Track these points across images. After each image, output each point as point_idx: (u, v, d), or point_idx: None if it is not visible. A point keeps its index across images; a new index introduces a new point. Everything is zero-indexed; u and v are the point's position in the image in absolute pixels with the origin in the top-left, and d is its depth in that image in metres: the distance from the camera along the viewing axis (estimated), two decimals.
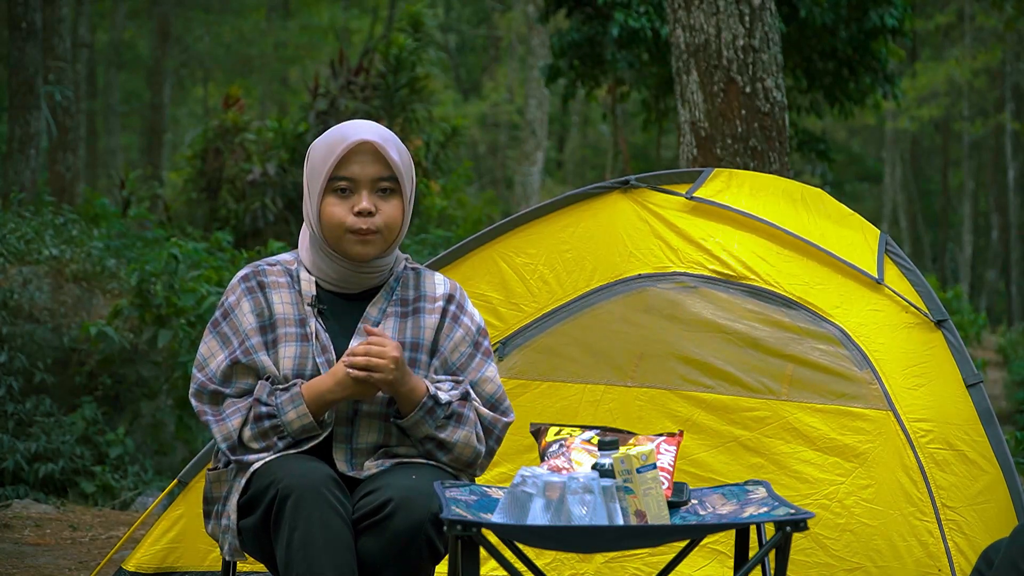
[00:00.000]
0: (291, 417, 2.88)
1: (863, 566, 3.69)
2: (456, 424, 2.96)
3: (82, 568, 4.94)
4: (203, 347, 3.01)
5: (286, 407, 2.89)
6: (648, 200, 4.13)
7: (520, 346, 3.99)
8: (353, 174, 2.98)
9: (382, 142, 2.98)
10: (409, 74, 13.91)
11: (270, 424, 2.89)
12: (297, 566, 2.69)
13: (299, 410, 2.88)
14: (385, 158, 2.99)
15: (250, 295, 3.02)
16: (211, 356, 2.98)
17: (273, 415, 2.89)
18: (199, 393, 2.98)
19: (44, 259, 8.10)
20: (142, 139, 26.82)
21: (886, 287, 3.95)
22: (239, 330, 2.98)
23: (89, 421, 7.27)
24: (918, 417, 3.78)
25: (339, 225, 2.97)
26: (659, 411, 3.88)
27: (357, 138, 2.97)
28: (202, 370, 2.98)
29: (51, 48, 11.79)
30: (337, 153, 2.96)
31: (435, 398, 2.93)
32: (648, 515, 2.66)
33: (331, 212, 2.98)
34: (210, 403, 2.96)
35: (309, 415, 2.88)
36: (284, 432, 2.89)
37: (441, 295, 3.09)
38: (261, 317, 3.00)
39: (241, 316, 2.99)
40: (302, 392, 2.90)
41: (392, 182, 3.00)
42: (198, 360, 3.01)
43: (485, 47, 31.67)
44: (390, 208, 3.00)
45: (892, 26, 11.14)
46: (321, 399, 2.89)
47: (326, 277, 3.05)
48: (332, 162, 2.97)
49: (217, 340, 3.00)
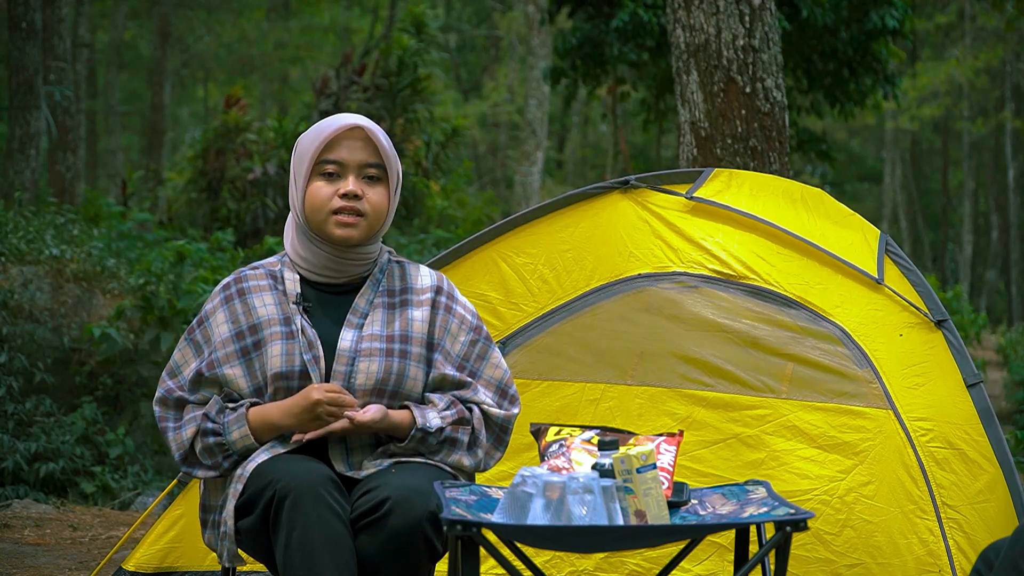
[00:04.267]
0: (235, 437, 2.91)
1: (863, 563, 3.69)
2: (449, 448, 2.98)
3: (82, 568, 4.94)
4: (177, 354, 3.04)
5: (231, 427, 2.92)
6: (648, 200, 4.13)
7: (520, 345, 4.00)
8: (341, 157, 3.00)
9: (371, 129, 3.01)
10: (411, 75, 13.93)
11: (215, 441, 2.92)
12: (296, 566, 2.70)
13: (242, 431, 2.91)
14: (374, 144, 3.02)
15: (227, 304, 3.04)
16: (184, 363, 3.02)
17: (218, 432, 2.92)
18: (164, 400, 3.01)
19: (44, 259, 8.10)
20: (142, 139, 26.81)
21: (886, 287, 3.95)
22: (210, 340, 3.01)
23: (89, 421, 7.27)
24: (918, 416, 3.79)
25: (324, 207, 2.99)
26: (659, 409, 3.88)
27: (346, 122, 3.00)
28: (173, 377, 3.02)
29: (51, 48, 11.79)
30: (326, 135, 2.99)
31: (424, 430, 2.94)
32: (648, 515, 2.66)
33: (317, 194, 2.99)
34: (173, 409, 2.99)
35: (251, 437, 2.91)
36: (229, 451, 2.92)
37: (428, 287, 3.10)
38: (236, 324, 3.00)
39: (215, 326, 3.02)
40: (247, 415, 2.91)
41: (379, 169, 3.03)
42: (170, 366, 3.04)
43: (485, 47, 31.68)
44: (376, 195, 3.02)
45: (893, 27, 11.15)
46: (268, 423, 2.91)
47: (311, 267, 3.05)
48: (320, 144, 2.99)
49: (191, 348, 3.04)
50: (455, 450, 2.99)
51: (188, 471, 2.96)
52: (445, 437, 2.96)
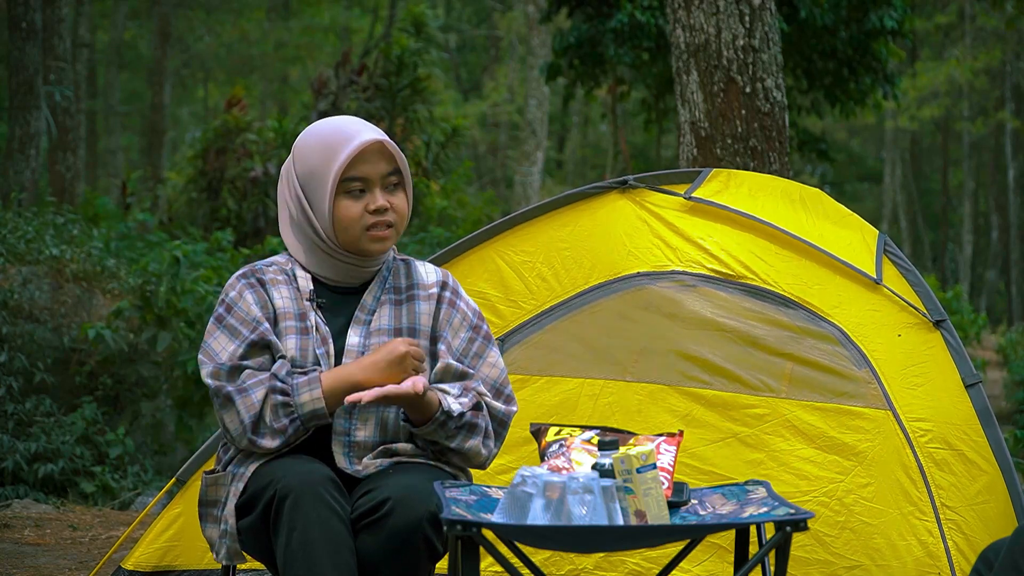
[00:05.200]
0: (305, 399, 2.87)
1: (862, 564, 3.69)
2: (468, 433, 2.98)
3: (82, 568, 4.94)
4: (213, 342, 2.96)
5: (302, 389, 2.88)
6: (647, 200, 4.13)
7: (519, 342, 4.00)
8: (365, 174, 3.00)
9: (386, 139, 3.02)
10: (411, 74, 13.93)
11: (282, 400, 2.87)
12: (297, 566, 2.70)
13: (313, 393, 2.87)
14: (390, 151, 3.03)
15: (251, 289, 3.02)
16: (222, 349, 2.95)
17: (287, 392, 2.88)
18: (216, 372, 2.92)
19: (44, 259, 8.10)
20: (142, 139, 26.82)
21: (884, 287, 3.95)
22: (247, 319, 2.97)
23: (89, 421, 7.26)
24: (917, 417, 3.79)
25: (356, 224, 2.99)
26: (658, 406, 3.88)
27: (364, 139, 2.99)
28: (213, 360, 2.94)
29: (51, 48, 11.79)
30: (348, 153, 2.98)
31: (448, 413, 2.93)
32: (648, 515, 2.66)
33: (347, 214, 2.99)
34: (228, 378, 2.91)
35: (322, 400, 2.87)
36: (295, 413, 2.87)
37: (434, 282, 3.11)
38: (266, 309, 3.00)
39: (247, 307, 2.98)
40: (320, 377, 2.89)
41: (398, 176, 3.05)
42: (208, 354, 2.95)
43: (485, 47, 31.68)
44: (400, 202, 3.04)
45: (892, 27, 11.16)
46: (346, 381, 2.87)
47: (325, 274, 3.06)
48: (341, 164, 2.98)
49: (226, 333, 2.96)
50: (473, 435, 2.98)
51: (252, 441, 2.86)
52: (464, 422, 2.96)
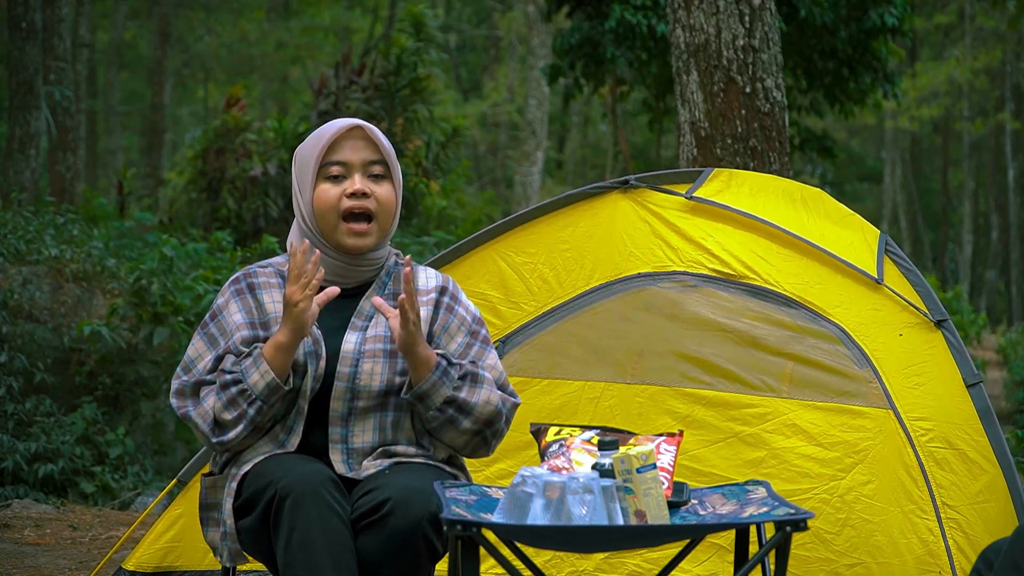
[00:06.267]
0: (255, 379, 2.87)
1: (863, 562, 3.69)
2: (473, 384, 2.96)
3: (82, 568, 4.93)
4: (191, 348, 3.03)
5: (250, 371, 2.88)
6: (648, 200, 4.13)
7: (520, 344, 4.00)
8: (345, 158, 3.01)
9: (369, 128, 3.04)
10: (410, 74, 13.92)
11: (236, 390, 2.88)
12: (297, 567, 2.70)
13: (261, 369, 2.87)
14: (375, 142, 3.03)
15: (238, 297, 3.04)
16: (198, 357, 3.00)
17: (239, 380, 2.88)
18: (180, 391, 2.97)
19: (44, 259, 8.10)
20: (142, 139, 26.81)
21: (886, 287, 3.95)
22: (226, 330, 3.00)
23: (89, 421, 7.27)
24: (918, 416, 3.79)
25: (333, 209, 2.99)
26: (659, 408, 3.88)
27: (346, 123, 3.02)
28: (188, 372, 2.99)
29: (51, 48, 11.79)
30: (327, 139, 3.01)
31: (447, 358, 2.94)
32: (648, 515, 2.66)
33: (324, 197, 3.00)
34: (191, 396, 2.96)
35: (271, 372, 2.86)
36: (251, 395, 2.87)
37: (433, 287, 3.11)
38: (250, 315, 3.01)
39: (228, 317, 3.01)
40: (263, 353, 2.89)
41: (383, 166, 3.04)
42: (184, 362, 3.01)
43: (485, 47, 31.68)
44: (384, 192, 3.03)
45: (892, 25, 11.15)
46: (275, 346, 2.87)
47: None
48: (322, 148, 3.00)
49: (204, 341, 3.02)
50: (479, 385, 2.96)
51: (220, 441, 2.89)
52: (466, 372, 2.96)
